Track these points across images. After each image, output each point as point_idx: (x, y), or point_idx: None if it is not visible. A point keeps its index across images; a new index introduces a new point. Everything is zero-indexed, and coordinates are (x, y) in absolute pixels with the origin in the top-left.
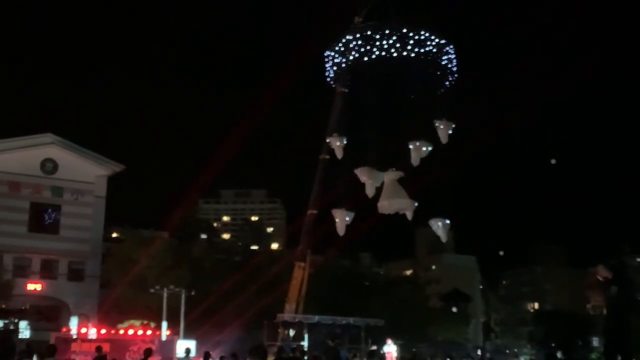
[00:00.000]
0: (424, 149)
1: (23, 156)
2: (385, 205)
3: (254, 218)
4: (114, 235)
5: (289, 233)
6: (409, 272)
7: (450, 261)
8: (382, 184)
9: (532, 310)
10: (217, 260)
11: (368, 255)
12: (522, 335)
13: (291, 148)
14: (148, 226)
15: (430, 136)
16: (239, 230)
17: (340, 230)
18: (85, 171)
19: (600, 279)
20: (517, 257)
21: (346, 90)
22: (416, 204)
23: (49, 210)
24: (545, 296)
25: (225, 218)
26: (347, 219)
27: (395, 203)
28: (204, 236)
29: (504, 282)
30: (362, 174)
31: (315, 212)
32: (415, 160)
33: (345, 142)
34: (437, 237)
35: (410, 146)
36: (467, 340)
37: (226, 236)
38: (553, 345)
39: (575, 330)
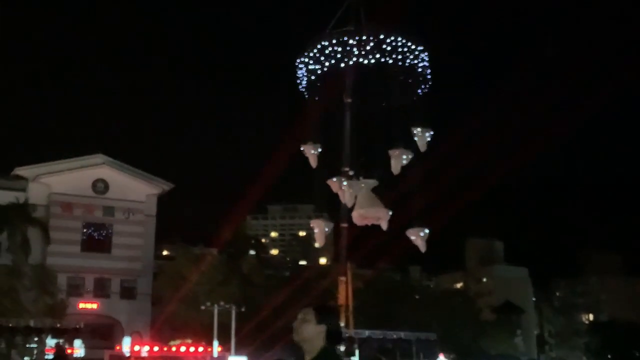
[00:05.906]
0: (404, 156)
1: (75, 177)
2: (359, 216)
3: (302, 233)
4: (165, 252)
5: (336, 247)
6: (459, 285)
7: (501, 273)
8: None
9: (587, 322)
10: (267, 276)
11: (418, 268)
12: (577, 347)
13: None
14: (197, 243)
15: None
16: (287, 245)
17: (320, 240)
18: (135, 190)
19: None
20: (570, 267)
21: (350, 100)
22: (390, 213)
23: (101, 230)
24: (601, 306)
25: (274, 234)
26: (327, 229)
27: (370, 212)
28: (252, 252)
29: (557, 293)
30: (334, 185)
31: (345, 225)
32: (395, 168)
33: (319, 150)
34: (488, 249)
35: (391, 154)
36: (521, 354)
37: (275, 252)
38: (609, 357)
39: (633, 341)
